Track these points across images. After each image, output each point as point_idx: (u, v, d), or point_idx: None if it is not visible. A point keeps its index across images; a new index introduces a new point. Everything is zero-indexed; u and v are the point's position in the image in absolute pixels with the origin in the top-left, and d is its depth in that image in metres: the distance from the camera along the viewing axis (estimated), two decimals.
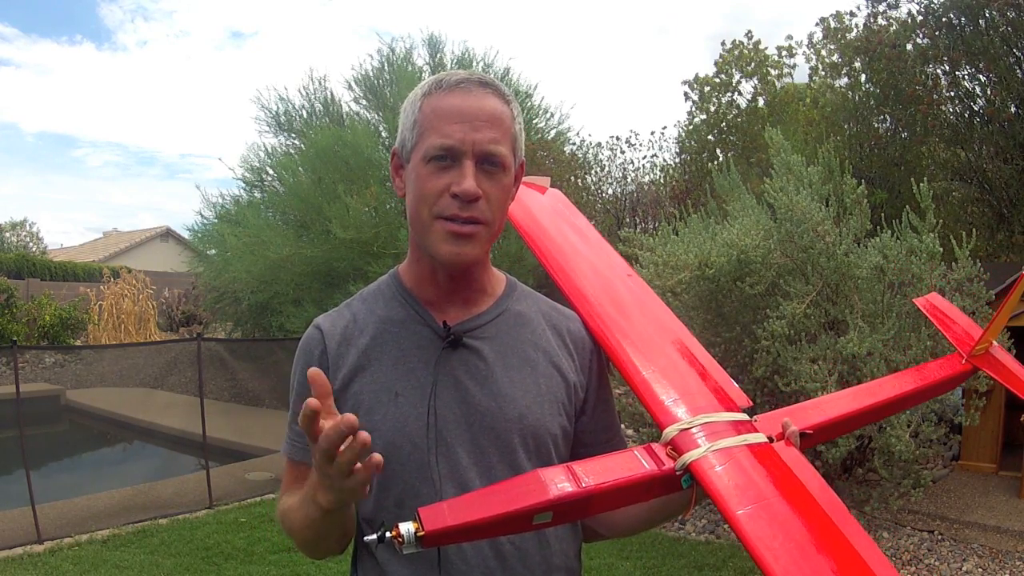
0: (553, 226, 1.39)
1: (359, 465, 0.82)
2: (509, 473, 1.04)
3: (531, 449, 1.07)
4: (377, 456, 0.83)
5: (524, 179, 1.23)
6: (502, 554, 1.03)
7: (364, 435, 0.80)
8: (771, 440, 1.07)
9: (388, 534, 0.85)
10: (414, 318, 1.10)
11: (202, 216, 10.72)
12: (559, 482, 0.91)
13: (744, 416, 1.10)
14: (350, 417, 0.80)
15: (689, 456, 0.99)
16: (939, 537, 4.75)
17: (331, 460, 0.82)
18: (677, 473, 0.99)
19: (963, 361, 1.60)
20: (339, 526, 1.01)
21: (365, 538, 0.88)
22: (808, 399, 4.65)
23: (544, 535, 1.05)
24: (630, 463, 0.98)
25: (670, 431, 1.03)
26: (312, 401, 0.80)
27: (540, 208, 1.41)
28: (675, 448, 1.01)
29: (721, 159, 11.92)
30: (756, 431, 1.07)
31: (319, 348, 1.11)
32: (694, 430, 1.03)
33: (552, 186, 1.50)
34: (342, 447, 0.81)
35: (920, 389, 1.50)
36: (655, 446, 1.02)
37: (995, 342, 1.67)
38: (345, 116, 10.35)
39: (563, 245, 1.35)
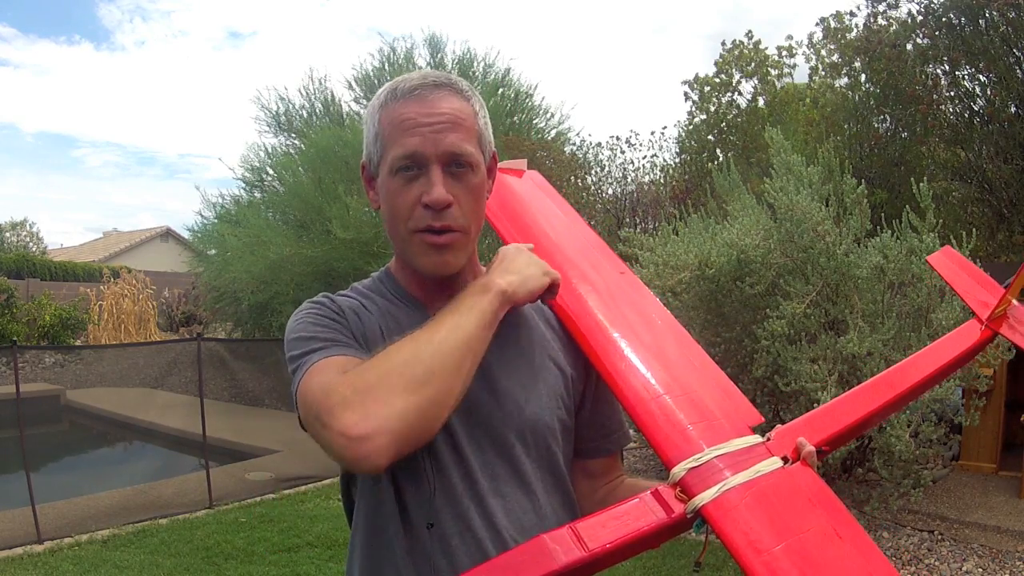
0: (531, 217, 1.29)
1: None
2: (507, 469, 1.03)
3: (529, 444, 1.05)
4: None
5: (499, 165, 1.18)
6: None
7: None
8: (786, 461, 1.01)
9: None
10: (407, 312, 1.09)
11: (202, 216, 10.76)
12: (564, 548, 0.86)
13: (756, 438, 1.03)
14: None
15: (699, 500, 0.93)
16: (939, 537, 4.75)
17: None
18: (688, 517, 0.94)
19: (981, 327, 1.49)
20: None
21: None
22: (808, 399, 4.63)
23: None
24: (637, 513, 0.93)
25: (678, 471, 0.96)
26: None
27: (514, 197, 1.31)
28: (684, 490, 0.95)
29: (721, 159, 11.91)
30: (770, 454, 1.01)
31: (332, 303, 1.08)
32: (705, 466, 0.96)
33: (548, 179, 1.41)
34: None
35: (941, 369, 1.40)
36: (663, 489, 0.97)
37: (1015, 301, 1.54)
38: (345, 116, 10.36)
39: (545, 242, 1.23)
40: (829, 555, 0.91)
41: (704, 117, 15.29)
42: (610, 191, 15.51)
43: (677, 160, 15.77)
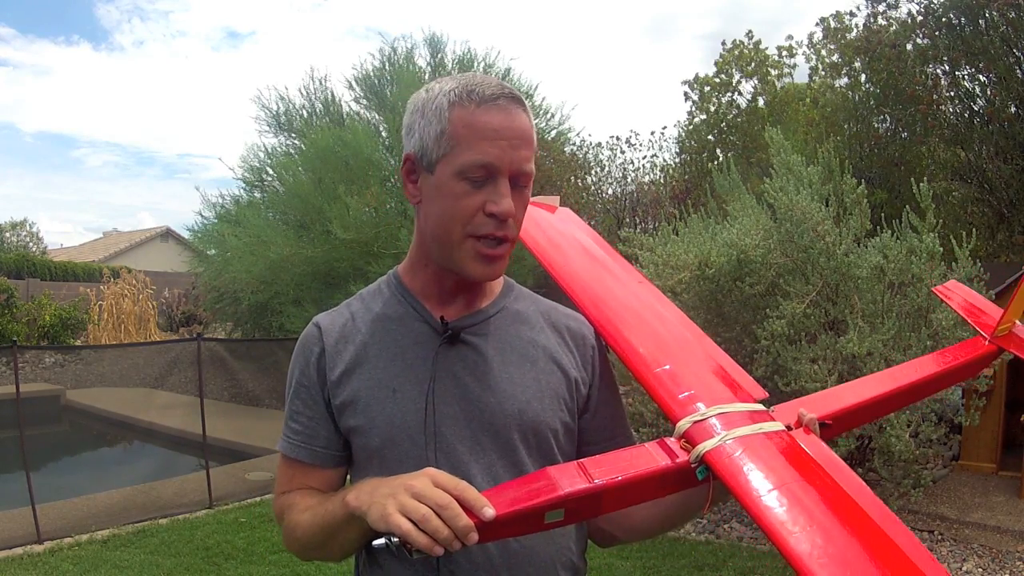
0: (566, 243, 1.41)
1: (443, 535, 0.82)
2: (509, 469, 1.04)
3: (531, 445, 1.07)
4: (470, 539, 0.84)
5: (533, 199, 1.21)
6: (508, 552, 1.03)
7: (474, 537, 0.83)
8: (789, 428, 1.05)
9: (395, 539, 0.83)
10: (412, 315, 1.10)
11: (202, 216, 10.74)
12: (570, 478, 0.89)
13: (760, 406, 1.08)
14: (491, 513, 0.83)
15: (704, 446, 0.96)
16: (939, 537, 4.75)
17: (433, 519, 0.83)
18: (692, 465, 0.96)
19: (986, 342, 1.57)
20: (358, 535, 0.97)
21: (374, 543, 0.87)
22: None
23: (551, 533, 1.04)
24: (643, 457, 0.95)
25: (683, 424, 1.01)
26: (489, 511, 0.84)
27: (553, 228, 1.44)
28: (689, 440, 0.99)
29: (721, 159, 11.91)
30: (773, 419, 1.05)
31: (317, 347, 1.11)
32: (708, 421, 1.00)
33: (553, 192, 1.51)
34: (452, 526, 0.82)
35: (943, 372, 1.46)
36: (668, 440, 0.99)
37: (1018, 322, 1.63)
38: (345, 116, 10.34)
39: (577, 260, 1.38)
40: (834, 502, 0.93)
41: (704, 117, 15.30)
42: (610, 191, 15.54)
43: (677, 160, 15.79)
